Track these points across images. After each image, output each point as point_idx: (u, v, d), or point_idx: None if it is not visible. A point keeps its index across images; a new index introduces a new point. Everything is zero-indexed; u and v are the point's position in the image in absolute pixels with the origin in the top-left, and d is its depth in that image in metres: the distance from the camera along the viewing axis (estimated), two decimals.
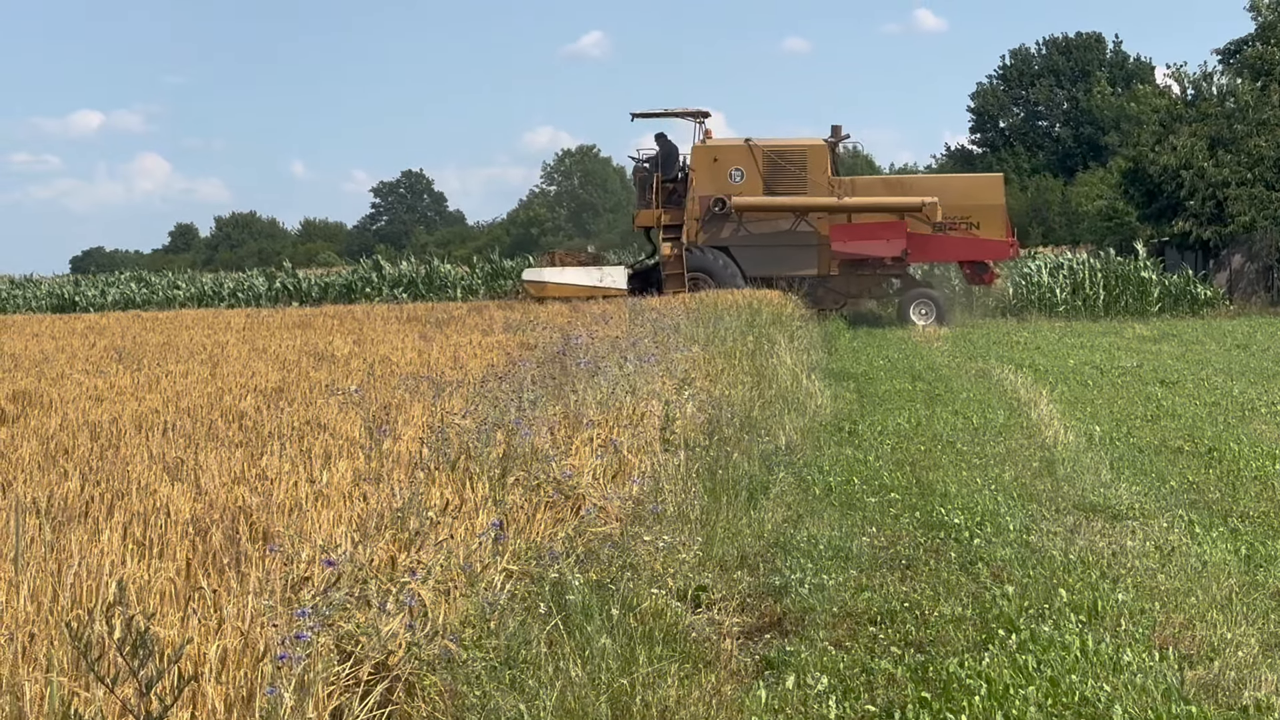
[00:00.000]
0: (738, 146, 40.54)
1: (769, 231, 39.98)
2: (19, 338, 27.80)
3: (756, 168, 40.02)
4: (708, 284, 38.19)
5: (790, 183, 40.02)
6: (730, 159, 40.28)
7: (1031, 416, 19.10)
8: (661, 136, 41.52)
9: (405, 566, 7.66)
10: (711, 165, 40.20)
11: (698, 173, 40.13)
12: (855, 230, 39.88)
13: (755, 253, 39.76)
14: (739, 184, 39.95)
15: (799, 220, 40.01)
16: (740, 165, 40.09)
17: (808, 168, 40.02)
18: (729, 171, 40.03)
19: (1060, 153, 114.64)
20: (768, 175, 40.03)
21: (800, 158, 40.22)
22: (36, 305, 61.20)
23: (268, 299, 58.37)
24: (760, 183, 40.01)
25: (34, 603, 6.50)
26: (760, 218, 39.99)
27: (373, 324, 29.11)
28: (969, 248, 40.51)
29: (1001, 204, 40.67)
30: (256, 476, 9.68)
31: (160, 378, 17.72)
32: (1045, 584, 10.24)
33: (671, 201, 40.39)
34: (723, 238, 39.97)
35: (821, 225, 39.97)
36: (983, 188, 42.03)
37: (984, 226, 40.10)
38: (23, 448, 11.60)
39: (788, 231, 40.01)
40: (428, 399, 13.62)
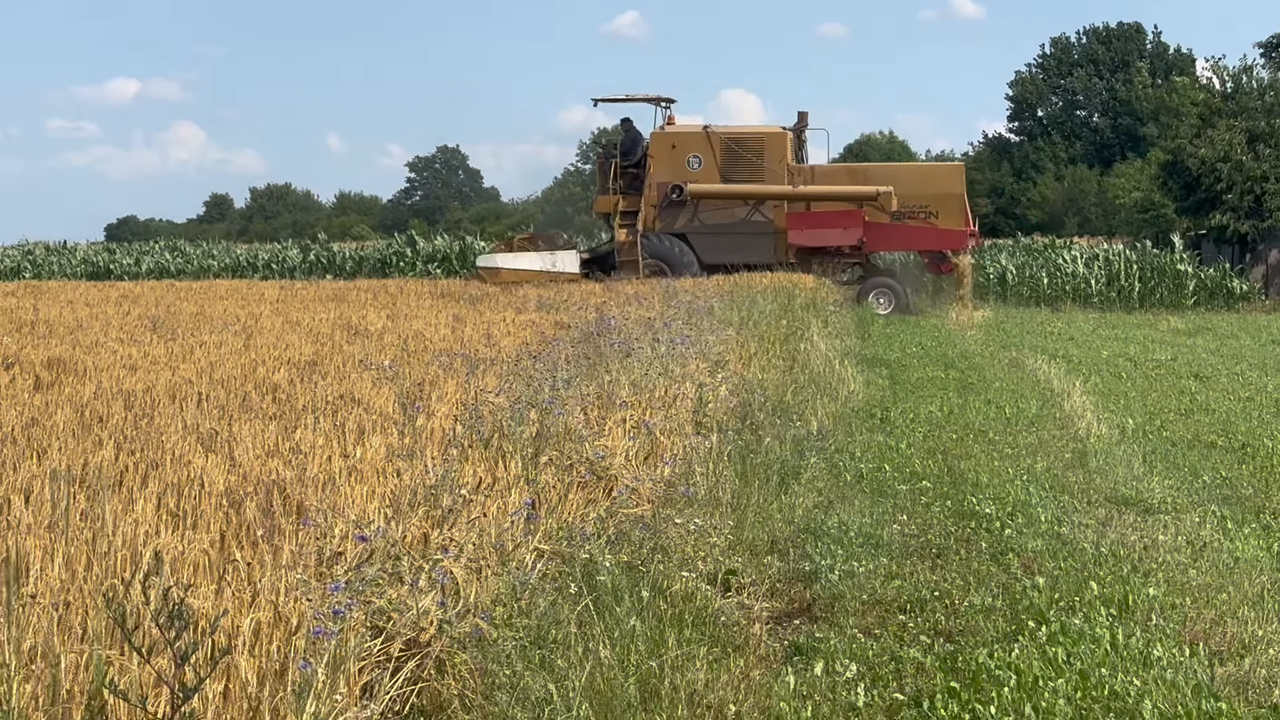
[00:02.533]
0: (696, 134, 40.40)
1: (725, 220, 39.80)
2: (54, 304, 27.88)
3: (714, 155, 39.86)
4: (663, 271, 38.14)
5: (747, 171, 39.85)
6: (688, 146, 40.11)
7: (1064, 407, 19.03)
8: (627, 122, 41.40)
9: (438, 544, 7.67)
10: (670, 152, 40.04)
11: (656, 159, 39.98)
12: (812, 219, 39.68)
13: (711, 240, 39.62)
14: (697, 171, 39.77)
15: (754, 209, 39.86)
16: (698, 152, 39.93)
17: (765, 156, 39.79)
18: (687, 158, 39.87)
19: (1098, 143, 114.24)
20: (725, 163, 39.87)
21: (758, 145, 40.01)
22: (71, 272, 61.30)
23: (301, 271, 58.42)
24: (717, 170, 39.90)
25: (69, 571, 6.53)
26: (716, 205, 39.84)
27: (406, 299, 29.14)
28: (927, 237, 40.27)
29: (961, 193, 40.34)
30: (290, 450, 9.70)
31: (194, 348, 17.76)
32: (1076, 576, 10.21)
33: (633, 188, 40.29)
34: (679, 225, 39.84)
35: (777, 214, 39.81)
36: (942, 176, 41.78)
37: (943, 216, 39.82)
38: (57, 415, 11.63)
39: (743, 220, 39.85)
40: (461, 376, 13.64)
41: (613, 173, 40.30)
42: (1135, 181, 79.61)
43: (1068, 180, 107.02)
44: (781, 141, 40.14)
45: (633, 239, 39.49)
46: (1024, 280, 46.84)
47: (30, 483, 8.52)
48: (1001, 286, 46.66)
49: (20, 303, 28.35)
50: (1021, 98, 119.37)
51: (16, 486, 8.43)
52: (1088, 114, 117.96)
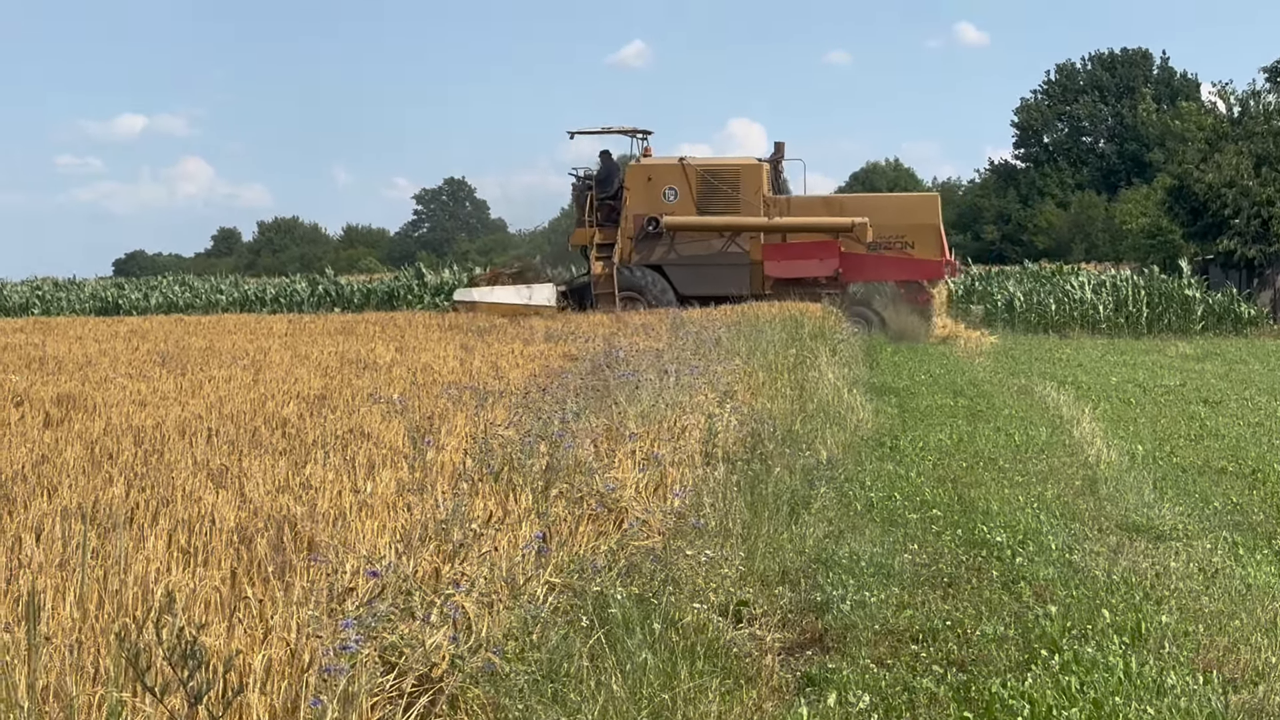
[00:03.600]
0: (671, 165, 40.40)
1: (701, 252, 39.83)
2: (63, 340, 27.88)
3: (690, 187, 39.88)
4: (640, 303, 38.08)
5: (723, 202, 39.87)
6: (664, 178, 40.13)
7: (1074, 434, 19.02)
8: (605, 154, 41.50)
9: (449, 578, 7.66)
10: (646, 184, 40.07)
11: (632, 191, 40.02)
12: (788, 250, 39.68)
13: (688, 272, 39.65)
14: (673, 203, 39.81)
15: (730, 241, 39.86)
16: (674, 184, 39.94)
17: (740, 187, 39.83)
18: (663, 190, 39.89)
19: (1104, 169, 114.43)
20: (700, 195, 39.88)
21: (734, 177, 40.03)
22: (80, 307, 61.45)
23: (310, 305, 58.54)
24: (693, 202, 39.90)
25: (80, 610, 6.53)
26: (692, 237, 39.86)
27: (414, 332, 29.13)
28: (903, 267, 40.23)
29: (936, 223, 40.33)
30: (301, 485, 9.70)
31: (203, 383, 17.75)
32: (1088, 604, 10.20)
33: (610, 220, 40.27)
34: (655, 257, 39.86)
35: (754, 246, 39.79)
36: (918, 207, 41.76)
37: (919, 246, 39.83)
38: (67, 452, 11.63)
39: (720, 252, 39.84)
40: (470, 409, 13.63)
41: (589, 205, 40.29)
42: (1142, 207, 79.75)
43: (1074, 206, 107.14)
44: (757, 173, 40.19)
45: (609, 271, 39.49)
46: (1032, 307, 46.86)
47: (41, 521, 8.52)
48: (1009, 313, 46.69)
49: (29, 339, 28.35)
50: (1027, 124, 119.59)
51: (28, 524, 8.43)
52: (1094, 140, 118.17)
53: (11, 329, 33.62)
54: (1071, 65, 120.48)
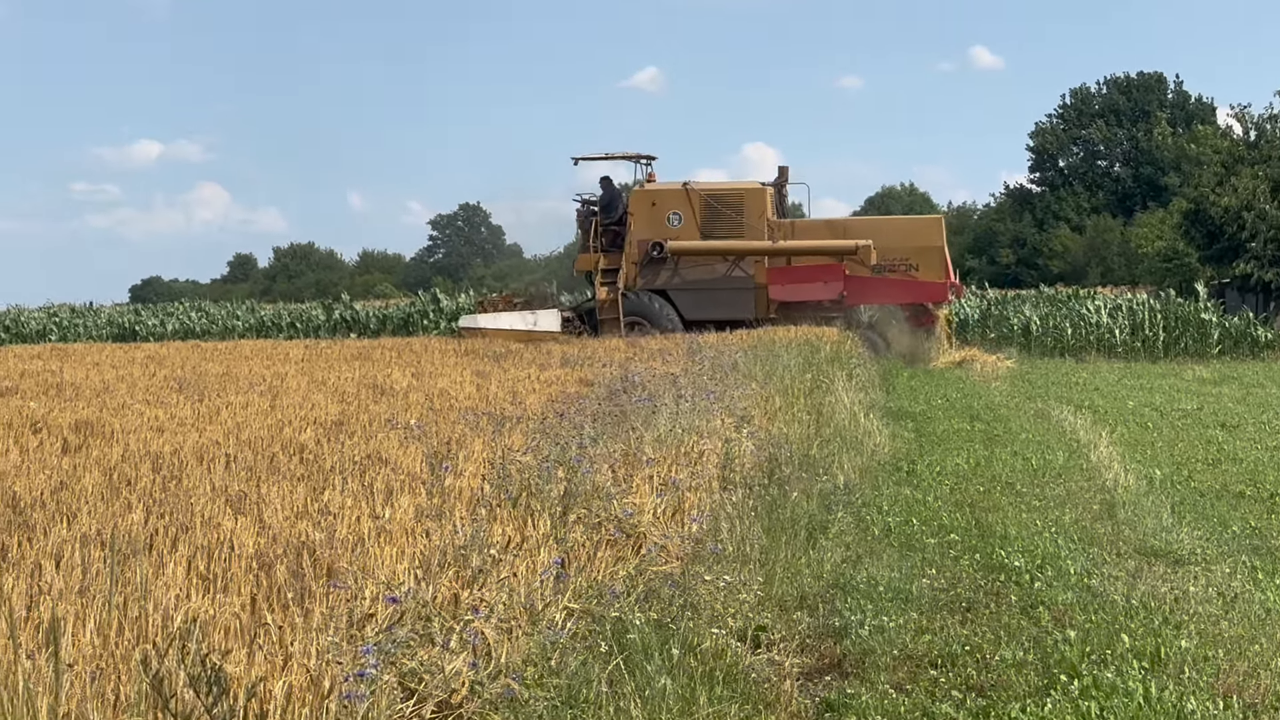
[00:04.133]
0: (675, 191, 40.47)
1: (705, 276, 39.89)
2: (80, 366, 27.93)
3: (694, 212, 39.96)
4: (645, 329, 38.14)
5: (727, 227, 39.94)
6: (668, 203, 40.21)
7: (1091, 458, 18.99)
8: (606, 180, 41.48)
9: (468, 604, 7.66)
10: (650, 210, 40.13)
11: (636, 217, 40.09)
12: (793, 274, 39.76)
13: (692, 297, 39.72)
14: (677, 228, 39.88)
15: (734, 265, 39.91)
16: (678, 209, 40.02)
17: (745, 212, 39.90)
18: (667, 215, 39.97)
19: (1120, 193, 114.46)
20: (705, 219, 39.95)
21: (738, 202, 40.12)
22: (97, 334, 61.53)
23: (326, 330, 58.61)
24: (698, 227, 39.96)
25: (100, 636, 6.54)
26: (696, 262, 39.92)
27: (430, 357, 29.14)
28: (908, 290, 40.32)
29: (940, 246, 40.43)
30: (319, 511, 9.71)
31: (220, 409, 17.78)
32: (1107, 629, 10.18)
33: (615, 245, 40.34)
34: (660, 282, 39.92)
35: (758, 270, 39.87)
36: (922, 230, 41.82)
37: (923, 268, 39.92)
38: (86, 478, 11.65)
39: (724, 276, 39.91)
40: (488, 434, 13.64)
41: (593, 231, 40.37)
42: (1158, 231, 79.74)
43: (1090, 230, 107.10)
44: (761, 197, 40.28)
45: (614, 296, 39.56)
46: (1048, 331, 46.81)
47: (61, 547, 8.53)
48: (1025, 337, 46.64)
49: (47, 365, 28.40)
50: (1042, 148, 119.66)
51: (47, 551, 8.44)
52: (1109, 164, 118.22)
53: (29, 355, 33.68)
54: (1086, 89, 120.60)
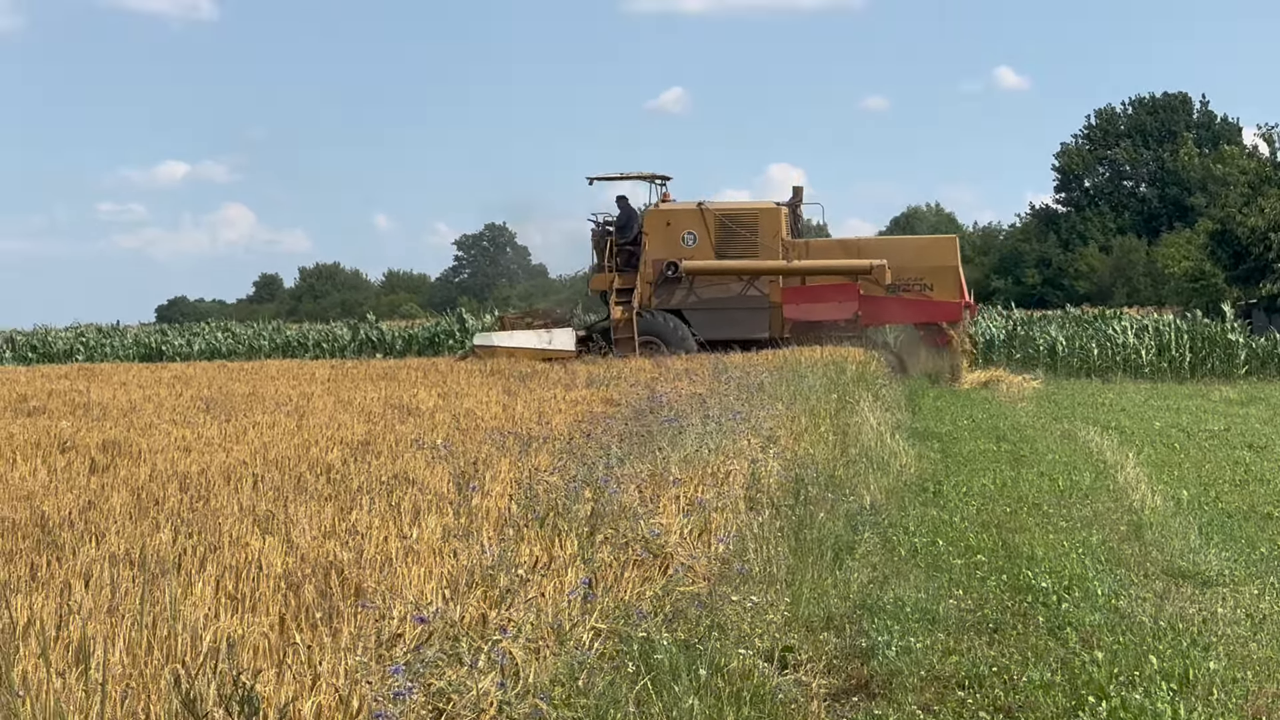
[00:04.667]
0: (690, 210, 40.51)
1: (720, 296, 39.91)
2: (107, 386, 28.00)
3: (708, 231, 39.99)
4: (659, 348, 38.20)
5: (742, 246, 39.94)
6: (683, 223, 40.25)
7: (1118, 479, 18.95)
8: (622, 200, 41.53)
9: (496, 624, 7.67)
10: (664, 229, 40.18)
11: (651, 236, 40.12)
12: (807, 293, 39.78)
13: (707, 316, 39.73)
14: (691, 248, 39.92)
15: (749, 284, 39.96)
16: (693, 229, 40.06)
17: (759, 231, 39.92)
18: (682, 235, 40.01)
19: (1145, 213, 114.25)
20: (719, 239, 39.96)
21: (752, 221, 40.14)
22: (124, 354, 61.65)
23: (352, 350, 58.67)
24: (712, 247, 40.02)
25: (130, 656, 6.55)
26: (711, 281, 39.96)
27: (456, 377, 29.17)
28: (922, 309, 40.33)
29: (955, 265, 40.43)
30: (347, 531, 9.73)
31: (247, 428, 17.82)
32: (1135, 650, 10.16)
33: (630, 265, 40.40)
34: (674, 301, 39.95)
35: (773, 289, 39.92)
36: (937, 249, 41.79)
37: (938, 288, 39.90)
38: (114, 498, 11.68)
39: (738, 296, 39.94)
40: (514, 454, 13.65)
41: (608, 250, 40.45)
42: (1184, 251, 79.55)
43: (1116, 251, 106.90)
44: (775, 217, 40.30)
45: (628, 316, 39.61)
46: (1074, 351, 46.71)
47: (89, 567, 8.56)
48: (1051, 358, 46.54)
49: (74, 385, 28.49)
50: (1068, 169, 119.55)
51: (76, 571, 8.47)
52: (1135, 184, 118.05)
53: (56, 375, 33.79)
54: (1112, 109, 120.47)
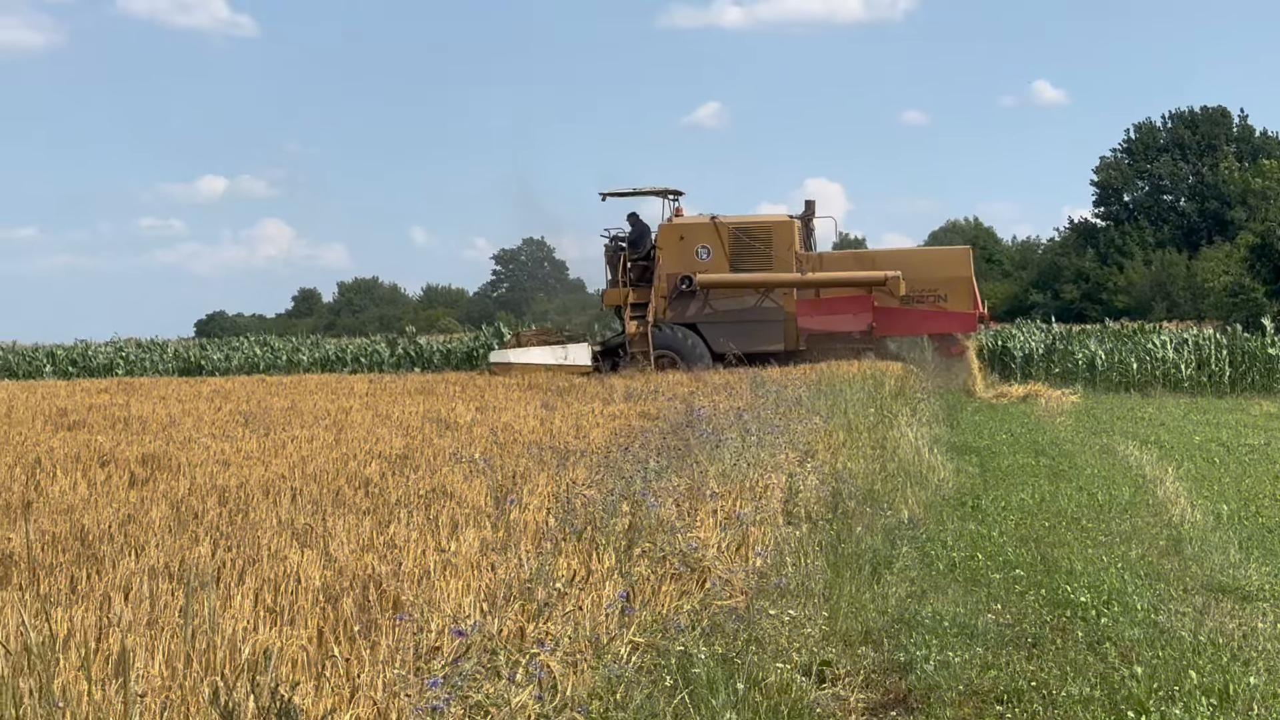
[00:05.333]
0: (704, 224, 40.61)
1: (735, 308, 39.98)
2: (146, 401, 28.11)
3: (722, 245, 40.07)
4: (675, 362, 38.32)
5: (756, 259, 40.02)
6: (696, 237, 40.33)
7: (1157, 494, 18.89)
8: (634, 216, 41.63)
9: (534, 637, 7.69)
10: (678, 243, 40.27)
11: (665, 251, 40.21)
12: (821, 305, 39.85)
13: (722, 329, 39.76)
14: (706, 261, 40.01)
15: (764, 296, 40.02)
16: (706, 243, 40.13)
17: (773, 244, 39.98)
18: (695, 249, 40.08)
19: (1185, 227, 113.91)
20: (733, 252, 40.05)
21: (766, 235, 40.21)
22: (163, 368, 61.78)
23: (390, 364, 58.72)
24: (726, 260, 40.09)
25: (169, 668, 6.58)
26: (725, 294, 40.06)
27: (494, 391, 29.23)
28: (936, 320, 40.34)
29: (969, 276, 40.44)
30: (385, 544, 9.75)
31: (286, 442, 17.87)
32: (1175, 665, 10.12)
33: (644, 280, 40.50)
34: (689, 315, 40.04)
35: (787, 301, 40.00)
36: (950, 260, 41.79)
37: (951, 299, 39.95)
38: (153, 511, 11.74)
39: (753, 308, 40.01)
40: (552, 468, 13.67)
41: (622, 266, 40.56)
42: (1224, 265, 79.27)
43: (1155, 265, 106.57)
44: (789, 229, 40.38)
45: (643, 330, 39.71)
46: (1113, 365, 46.52)
47: (129, 580, 8.60)
48: (1090, 372, 46.37)
49: (114, 399, 28.61)
50: (1107, 183, 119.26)
51: (116, 584, 8.51)
52: (1174, 198, 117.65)
53: (96, 389, 33.93)
54: (1151, 124, 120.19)
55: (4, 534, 10.76)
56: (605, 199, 41.73)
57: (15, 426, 21.50)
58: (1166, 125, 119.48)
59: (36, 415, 24.00)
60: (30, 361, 62.73)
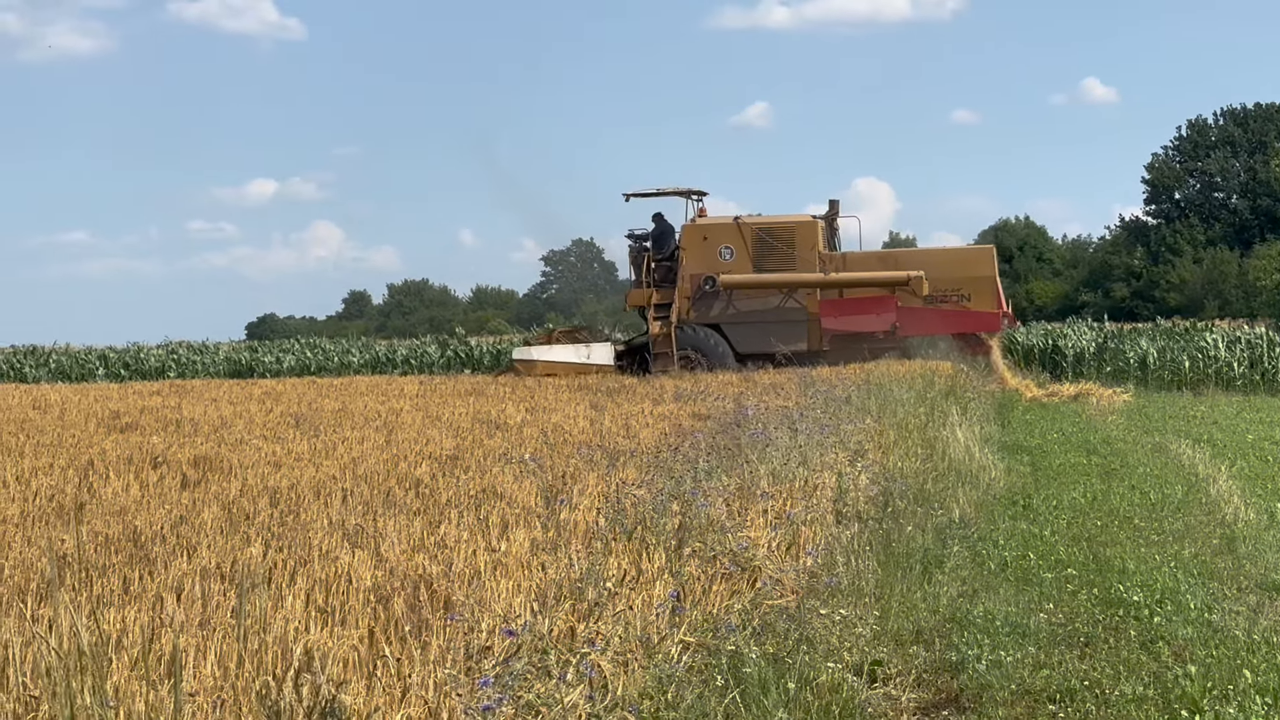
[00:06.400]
0: (727, 225, 40.69)
1: (758, 308, 40.04)
2: (198, 403, 28.23)
3: (745, 246, 40.12)
4: (699, 362, 38.38)
5: (779, 260, 40.08)
6: (720, 237, 40.40)
7: (1210, 492, 18.77)
8: (659, 216, 41.71)
9: (584, 637, 7.69)
10: (702, 244, 40.35)
11: (688, 251, 40.30)
12: (845, 305, 39.87)
13: (745, 329, 39.86)
14: (729, 262, 40.06)
15: (788, 296, 40.01)
16: (730, 243, 40.19)
17: (796, 244, 40.01)
18: (719, 250, 40.14)
19: (1237, 225, 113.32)
20: (756, 253, 40.11)
21: (789, 235, 40.27)
22: (215, 371, 62.03)
23: (440, 366, 58.83)
24: (750, 260, 40.10)
25: (221, 668, 6.60)
26: (749, 295, 40.11)
27: (544, 392, 29.27)
28: (960, 320, 40.28)
29: (992, 275, 40.42)
30: (435, 545, 9.77)
31: (337, 444, 17.93)
32: (1229, 664, 10.06)
33: (667, 280, 40.54)
34: (713, 315, 40.14)
35: (810, 301, 40.02)
36: (974, 260, 41.75)
37: (975, 298, 39.89)
38: (205, 513, 11.79)
39: (777, 308, 40.03)
40: (602, 468, 13.68)
41: (645, 266, 40.60)
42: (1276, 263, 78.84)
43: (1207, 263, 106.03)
44: (812, 230, 40.38)
45: (667, 331, 39.76)
46: (1165, 364, 46.31)
47: (181, 580, 8.63)
48: (1142, 370, 46.15)
49: (165, 401, 28.74)
50: (1158, 181, 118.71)
51: (168, 584, 8.54)
52: (1226, 196, 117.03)
53: (149, 392, 34.09)
54: (1203, 121, 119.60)
55: (58, 536, 10.82)
56: (629, 199, 41.85)
57: (68, 429, 21.62)
58: (1218, 122, 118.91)
59: (89, 417, 24.14)
60: (83, 364, 63.04)
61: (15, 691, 6.29)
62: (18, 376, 59.77)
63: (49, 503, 12.94)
